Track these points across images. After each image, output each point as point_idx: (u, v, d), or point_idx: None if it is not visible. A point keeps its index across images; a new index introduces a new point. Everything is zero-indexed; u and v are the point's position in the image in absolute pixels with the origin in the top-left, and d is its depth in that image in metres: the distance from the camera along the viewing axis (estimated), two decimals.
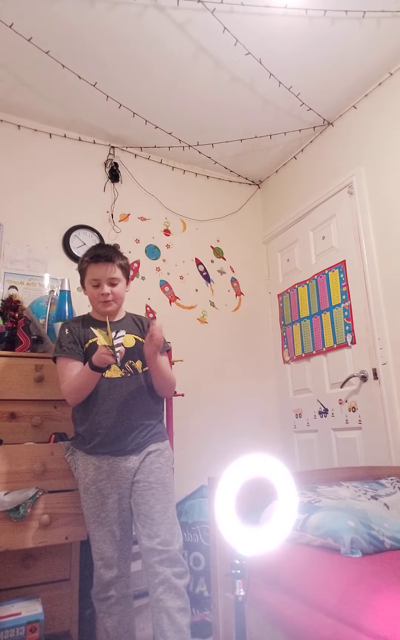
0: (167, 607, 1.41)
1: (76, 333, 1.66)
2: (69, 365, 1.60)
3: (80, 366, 1.59)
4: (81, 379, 1.53)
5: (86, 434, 1.59)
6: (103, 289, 1.64)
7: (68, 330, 1.67)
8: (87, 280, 1.67)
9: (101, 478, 1.55)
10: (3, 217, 2.49)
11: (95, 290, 1.66)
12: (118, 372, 1.62)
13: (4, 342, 1.99)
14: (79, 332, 1.67)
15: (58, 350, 1.64)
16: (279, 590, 1.31)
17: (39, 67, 2.31)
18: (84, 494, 1.56)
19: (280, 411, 2.98)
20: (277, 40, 2.20)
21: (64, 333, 1.66)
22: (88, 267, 1.66)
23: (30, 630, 1.47)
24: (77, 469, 1.62)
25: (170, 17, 2.07)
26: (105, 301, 1.66)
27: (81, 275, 1.71)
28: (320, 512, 1.46)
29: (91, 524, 1.54)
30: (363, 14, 2.08)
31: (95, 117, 2.68)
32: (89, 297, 1.70)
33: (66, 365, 1.61)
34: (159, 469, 1.59)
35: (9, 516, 1.55)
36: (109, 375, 1.61)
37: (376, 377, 2.29)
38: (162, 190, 3.02)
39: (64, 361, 1.62)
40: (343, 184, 2.62)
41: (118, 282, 1.67)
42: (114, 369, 1.62)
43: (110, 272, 1.64)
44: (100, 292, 1.65)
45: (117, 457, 1.56)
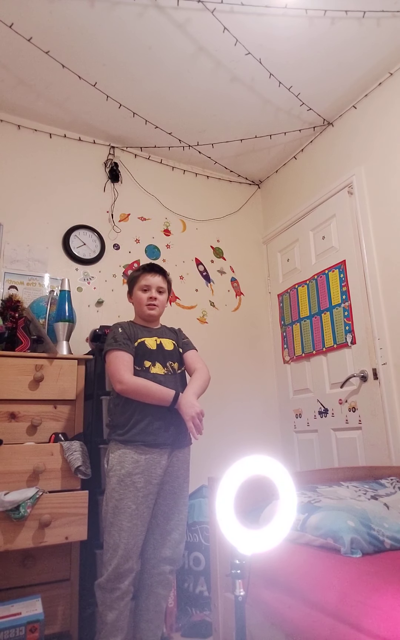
0: (157, 593, 1.69)
1: (128, 332, 1.83)
2: (126, 357, 1.74)
3: (132, 360, 1.76)
4: (151, 393, 1.68)
5: (127, 423, 1.68)
6: (152, 293, 1.89)
7: (121, 329, 1.83)
8: (138, 286, 1.90)
9: (138, 472, 1.62)
10: (3, 217, 2.49)
11: (144, 295, 1.89)
12: (162, 369, 1.80)
13: (4, 342, 1.99)
14: (129, 332, 1.84)
15: (114, 344, 1.77)
16: (279, 590, 1.31)
17: (39, 67, 2.31)
18: (117, 485, 1.61)
19: (280, 411, 2.98)
20: (277, 40, 2.20)
21: (118, 331, 1.82)
22: (141, 275, 1.91)
23: (30, 630, 1.47)
24: (111, 459, 1.66)
25: (170, 17, 2.07)
26: (151, 304, 1.88)
27: (132, 283, 1.93)
28: (320, 512, 1.46)
29: (121, 514, 1.59)
30: (363, 14, 2.08)
31: (95, 117, 2.68)
32: (135, 302, 1.92)
33: (123, 358, 1.74)
34: (184, 475, 1.76)
35: (9, 516, 1.55)
36: (154, 372, 1.77)
37: (376, 377, 2.29)
38: (162, 190, 3.02)
39: (121, 353, 1.75)
40: (343, 184, 2.62)
41: (164, 292, 1.93)
42: (158, 367, 1.79)
43: (160, 281, 1.91)
44: (149, 296, 1.88)
45: (153, 449, 1.66)
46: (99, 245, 2.71)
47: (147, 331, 1.89)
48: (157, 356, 1.82)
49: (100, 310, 2.63)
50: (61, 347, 2.07)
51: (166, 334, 1.94)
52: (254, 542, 0.90)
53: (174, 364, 1.86)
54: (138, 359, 1.78)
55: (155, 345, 1.84)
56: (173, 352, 1.88)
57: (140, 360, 1.78)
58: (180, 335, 1.99)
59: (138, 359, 1.78)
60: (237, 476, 0.94)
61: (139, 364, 1.78)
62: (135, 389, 1.67)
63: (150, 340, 1.84)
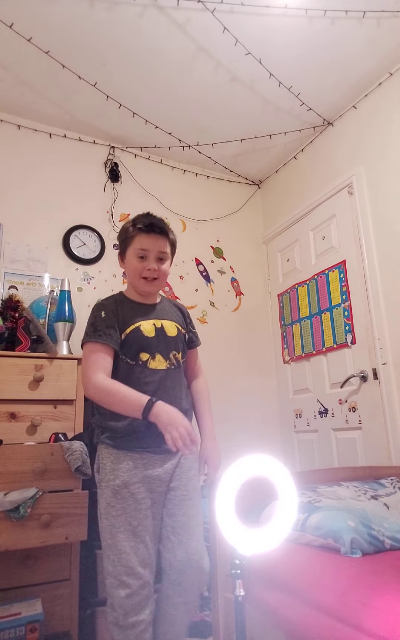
0: (179, 602, 1.42)
1: (114, 316, 1.43)
2: (102, 353, 1.37)
3: (111, 354, 1.39)
4: (121, 402, 1.31)
5: (122, 428, 1.38)
6: (150, 262, 1.44)
7: (105, 313, 1.42)
8: (132, 250, 1.46)
9: (135, 481, 1.35)
10: (3, 217, 2.49)
11: (140, 264, 1.44)
12: (163, 363, 1.44)
13: (4, 342, 1.99)
14: (118, 314, 1.44)
15: (92, 334, 1.40)
16: (279, 590, 1.31)
17: (39, 67, 2.31)
18: (112, 499, 1.34)
19: (280, 411, 2.98)
20: (277, 40, 2.20)
21: (100, 315, 1.43)
22: (136, 236, 1.45)
23: (30, 630, 1.47)
24: (104, 468, 1.39)
25: (170, 17, 2.07)
26: (149, 277, 1.45)
27: (124, 245, 1.50)
28: (320, 512, 1.46)
29: (120, 534, 1.31)
30: (363, 14, 2.08)
31: (95, 117, 2.68)
32: (128, 272, 1.50)
33: (98, 353, 1.37)
34: (195, 476, 1.48)
35: (9, 516, 1.54)
36: (154, 367, 1.42)
37: (376, 377, 2.29)
38: (162, 190, 3.02)
39: (97, 347, 1.38)
40: (343, 184, 2.62)
41: (166, 259, 1.48)
42: (158, 359, 1.43)
43: (161, 245, 1.45)
44: (146, 267, 1.44)
45: (154, 455, 1.38)
46: (99, 245, 2.71)
47: (143, 310, 1.49)
48: (157, 345, 1.44)
49: None
50: (61, 347, 2.07)
51: (168, 313, 1.54)
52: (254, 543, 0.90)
53: (178, 354, 1.49)
54: (132, 351, 1.40)
55: (154, 331, 1.45)
56: (177, 339, 1.50)
57: (134, 351, 1.41)
58: (186, 317, 1.61)
59: (132, 350, 1.41)
60: (237, 476, 0.94)
61: (132, 356, 1.40)
62: (102, 397, 1.33)
63: (147, 324, 1.45)
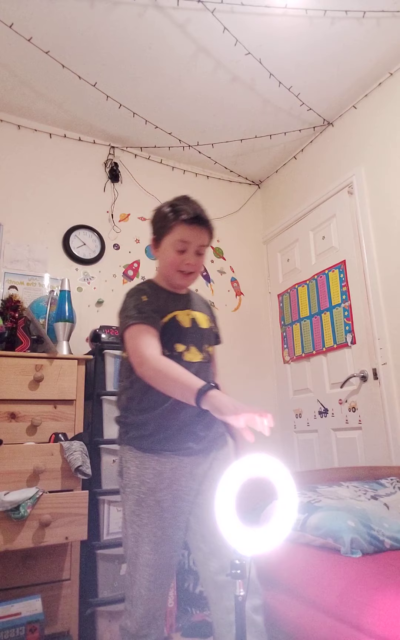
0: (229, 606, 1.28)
1: (154, 303, 1.34)
2: (151, 335, 1.26)
3: (156, 337, 1.28)
4: (176, 381, 1.14)
5: (150, 426, 1.28)
6: (189, 256, 1.34)
7: (147, 297, 1.34)
8: (170, 240, 1.35)
9: (162, 487, 1.24)
10: (3, 217, 2.49)
11: (178, 257, 1.34)
12: (197, 355, 1.34)
13: (4, 342, 1.99)
14: (157, 301, 1.36)
15: (137, 316, 1.29)
16: (279, 590, 1.32)
17: (39, 67, 2.31)
18: (137, 507, 1.23)
19: (280, 411, 2.98)
20: (277, 40, 2.20)
21: (142, 299, 1.34)
22: (177, 226, 1.34)
23: (30, 630, 1.47)
24: (128, 473, 1.28)
25: (170, 17, 2.07)
26: (186, 272, 1.36)
27: (161, 232, 1.38)
28: (320, 512, 1.46)
29: (144, 545, 1.21)
30: (363, 14, 2.08)
31: (95, 117, 2.68)
32: (163, 263, 1.40)
33: (148, 335, 1.25)
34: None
35: (9, 516, 1.55)
36: (189, 359, 1.32)
37: (376, 377, 2.29)
38: (162, 190, 3.02)
39: (145, 328, 1.26)
40: (343, 184, 2.62)
41: (204, 252, 1.39)
42: (193, 351, 1.34)
43: (204, 239, 1.36)
44: (185, 260, 1.34)
45: (183, 457, 1.27)
46: (99, 245, 2.71)
47: (176, 299, 1.41)
48: (192, 337, 1.36)
49: (100, 310, 2.63)
50: (61, 347, 2.07)
51: (198, 305, 1.46)
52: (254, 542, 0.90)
53: (210, 347, 1.41)
54: (168, 341, 1.31)
55: (189, 322, 1.37)
56: (209, 333, 1.43)
57: (171, 342, 1.31)
58: (212, 312, 1.53)
59: (168, 340, 1.31)
60: (237, 476, 0.94)
61: (169, 347, 1.30)
62: (159, 379, 1.17)
63: (182, 314, 1.37)
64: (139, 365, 1.21)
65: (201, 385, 1.09)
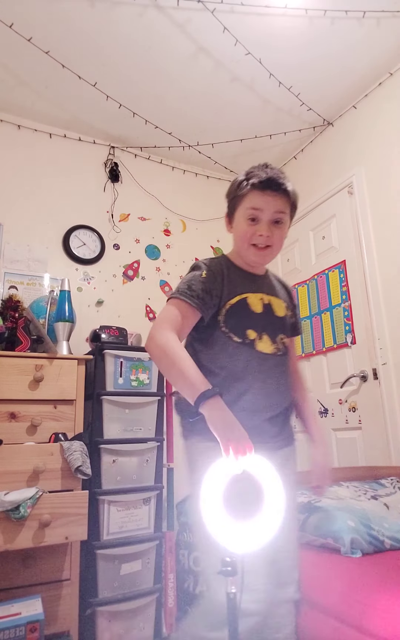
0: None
1: (218, 282, 1.21)
2: (186, 315, 1.15)
3: (195, 321, 1.18)
4: (180, 373, 1.06)
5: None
6: (262, 226, 1.19)
7: (207, 274, 1.20)
8: (241, 210, 1.22)
9: None
10: (3, 217, 2.49)
11: (250, 228, 1.20)
12: (270, 346, 1.20)
13: (4, 342, 1.99)
14: (224, 279, 1.22)
15: (184, 291, 1.18)
16: None
17: (39, 67, 2.31)
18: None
19: None
20: (277, 40, 2.20)
21: (200, 275, 1.21)
22: (249, 194, 1.20)
23: (30, 630, 1.47)
24: (195, 465, 1.18)
25: (170, 17, 2.07)
26: (259, 245, 1.21)
27: (233, 204, 1.25)
28: (320, 512, 1.46)
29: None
30: (363, 14, 2.08)
31: (95, 117, 2.68)
32: (236, 237, 1.25)
33: (181, 313, 1.15)
34: (294, 481, 1.24)
35: (9, 516, 1.54)
36: (261, 349, 1.19)
37: (376, 377, 2.29)
38: (162, 190, 3.02)
39: (183, 306, 1.16)
40: (343, 184, 2.62)
41: (283, 224, 1.22)
42: (265, 340, 1.20)
43: (278, 204, 1.19)
44: (257, 231, 1.19)
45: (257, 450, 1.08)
46: (99, 245, 2.71)
47: (250, 280, 1.26)
48: (266, 324, 1.22)
49: (100, 310, 2.63)
50: (61, 347, 2.07)
51: (276, 289, 1.31)
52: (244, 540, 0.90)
53: (285, 338, 1.26)
54: (237, 326, 1.18)
55: (262, 307, 1.23)
56: (285, 321, 1.27)
57: (240, 327, 1.18)
58: (293, 298, 1.37)
59: (237, 324, 1.18)
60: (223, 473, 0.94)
61: (238, 332, 1.18)
62: (164, 354, 1.08)
63: (254, 297, 1.22)
64: (150, 338, 1.12)
65: (206, 389, 1.01)
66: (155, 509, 2.04)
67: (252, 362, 1.17)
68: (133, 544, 1.94)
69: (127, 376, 2.11)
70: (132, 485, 2.00)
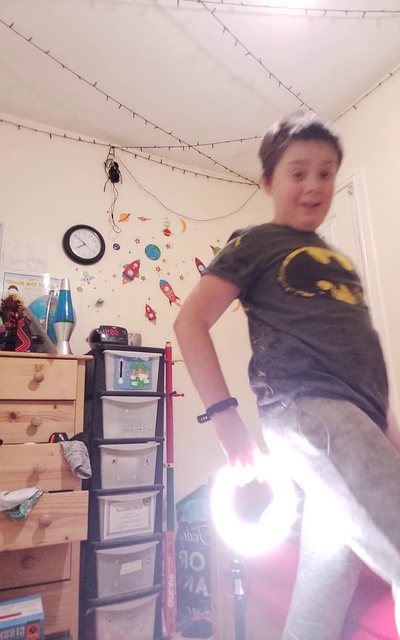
0: None
1: (263, 244, 1.07)
2: (220, 294, 1.08)
3: (231, 295, 1.09)
4: (200, 374, 1.03)
5: (341, 359, 0.95)
6: (311, 181, 1.05)
7: (243, 241, 1.08)
8: (283, 166, 1.07)
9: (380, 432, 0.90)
10: (3, 217, 2.49)
11: (296, 184, 1.06)
12: (351, 297, 1.03)
13: (4, 342, 1.99)
14: (265, 243, 1.07)
15: (213, 266, 1.09)
16: (280, 589, 1.31)
17: (39, 67, 2.31)
18: (372, 451, 0.83)
19: None
20: (277, 40, 2.20)
21: (232, 246, 1.09)
22: (290, 146, 1.06)
23: (30, 630, 1.47)
24: (329, 421, 0.89)
25: (170, 17, 2.07)
26: (310, 203, 1.06)
27: (270, 160, 1.11)
28: None
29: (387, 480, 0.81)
30: (363, 14, 2.08)
31: (95, 117, 2.68)
32: (280, 198, 1.12)
33: (215, 292, 1.08)
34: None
35: (9, 516, 1.55)
36: (342, 299, 1.01)
37: None
38: (162, 190, 3.02)
39: (216, 283, 1.07)
40: (343, 184, 2.62)
41: (331, 176, 1.08)
42: (344, 290, 1.03)
43: (326, 154, 1.06)
44: (305, 188, 1.05)
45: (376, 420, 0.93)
46: (99, 245, 2.71)
47: (305, 237, 1.10)
48: (337, 274, 1.04)
49: (100, 310, 2.63)
50: (61, 347, 2.07)
51: (336, 249, 1.14)
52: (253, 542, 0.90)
53: (362, 293, 1.08)
54: (304, 279, 1.02)
55: (328, 259, 1.05)
56: (357, 275, 1.11)
57: (309, 279, 1.02)
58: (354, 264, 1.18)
59: (304, 278, 1.02)
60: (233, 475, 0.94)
61: (309, 286, 1.01)
62: (189, 343, 1.04)
63: (315, 250, 1.05)
64: (177, 323, 1.06)
65: (221, 399, 0.99)
66: (155, 509, 2.04)
67: (336, 313, 0.99)
68: (133, 544, 1.94)
69: (127, 376, 2.11)
70: (132, 485, 2.00)
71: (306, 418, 0.92)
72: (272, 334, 1.04)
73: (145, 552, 1.97)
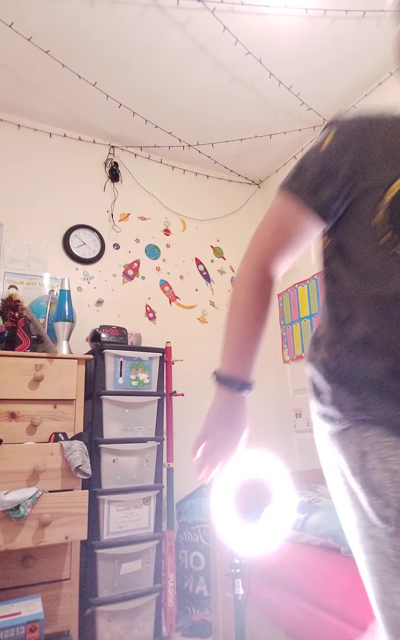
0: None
1: (364, 150, 0.73)
2: (293, 219, 0.79)
3: (310, 226, 0.80)
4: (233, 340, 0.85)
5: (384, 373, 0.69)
6: None
7: (334, 142, 0.77)
8: None
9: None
10: (3, 217, 2.49)
11: None
12: None
13: (4, 342, 1.99)
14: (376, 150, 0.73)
15: (290, 180, 0.81)
16: (280, 589, 1.32)
17: (39, 67, 2.30)
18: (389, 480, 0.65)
19: (280, 411, 2.98)
20: (277, 39, 2.20)
21: (317, 150, 0.79)
22: None
23: (30, 630, 1.47)
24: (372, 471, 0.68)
25: (170, 16, 2.07)
26: None
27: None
28: (320, 512, 1.46)
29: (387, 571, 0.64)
30: (363, 14, 2.08)
31: (95, 116, 2.68)
32: None
33: (288, 216, 0.80)
34: None
35: (9, 516, 1.54)
36: None
37: None
38: (162, 190, 3.02)
39: (287, 206, 0.80)
40: None
41: None
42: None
43: None
44: None
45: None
46: (99, 244, 2.71)
47: None
48: None
49: (100, 310, 2.62)
50: (61, 346, 2.07)
51: None
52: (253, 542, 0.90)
53: None
54: None
55: None
56: None
57: None
58: None
59: None
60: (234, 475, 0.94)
61: None
62: (232, 302, 0.85)
63: None
64: (241, 262, 0.84)
65: (239, 377, 0.82)
66: (155, 509, 2.04)
67: None
68: (133, 544, 1.94)
69: (127, 376, 2.11)
70: (132, 485, 2.00)
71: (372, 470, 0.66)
72: (343, 306, 0.73)
73: (145, 551, 1.97)
